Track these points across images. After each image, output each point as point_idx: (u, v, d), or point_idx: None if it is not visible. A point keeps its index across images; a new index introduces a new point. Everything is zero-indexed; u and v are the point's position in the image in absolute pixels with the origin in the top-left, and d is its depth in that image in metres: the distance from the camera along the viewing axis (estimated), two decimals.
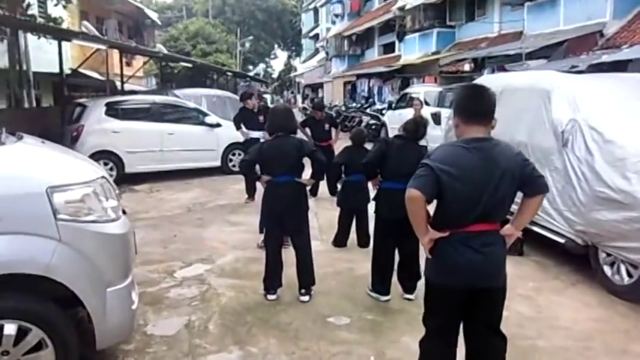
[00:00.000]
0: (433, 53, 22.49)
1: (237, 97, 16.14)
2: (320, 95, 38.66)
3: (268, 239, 4.51)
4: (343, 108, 25.75)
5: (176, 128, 10.57)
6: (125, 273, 3.04)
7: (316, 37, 47.94)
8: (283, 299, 4.45)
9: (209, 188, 9.76)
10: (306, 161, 4.45)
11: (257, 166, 4.44)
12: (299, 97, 46.85)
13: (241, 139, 9.45)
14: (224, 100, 14.06)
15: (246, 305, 4.35)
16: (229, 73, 27.28)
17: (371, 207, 6.54)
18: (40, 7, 16.11)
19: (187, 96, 12.98)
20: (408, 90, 15.42)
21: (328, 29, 41.92)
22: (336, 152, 7.15)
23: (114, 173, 9.91)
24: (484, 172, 2.49)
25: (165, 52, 14.39)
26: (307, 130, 8.69)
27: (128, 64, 23.22)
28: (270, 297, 4.42)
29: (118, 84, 17.16)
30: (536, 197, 2.64)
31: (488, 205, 2.51)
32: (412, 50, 24.47)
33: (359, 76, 29.11)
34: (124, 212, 3.24)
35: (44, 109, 13.84)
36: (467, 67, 16.39)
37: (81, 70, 19.02)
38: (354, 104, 25.59)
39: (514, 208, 2.75)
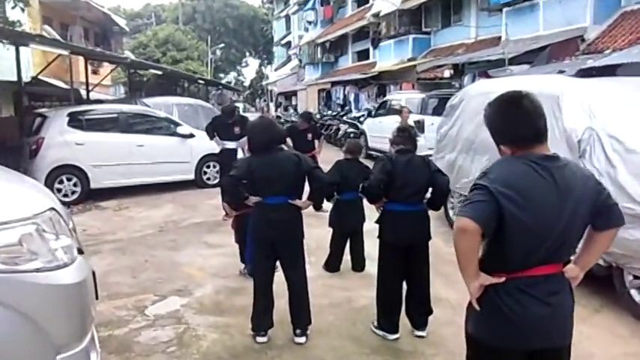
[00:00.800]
0: (409, 60, 22.23)
1: (210, 106, 15.53)
2: (294, 103, 38.07)
3: (257, 272, 3.85)
4: (318, 116, 25.20)
5: (146, 139, 9.80)
6: (82, 332, 2.36)
7: (288, 44, 47.52)
8: (275, 341, 3.80)
9: (182, 204, 9.03)
10: None
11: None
12: (272, 106, 46.16)
13: (216, 149, 8.80)
14: (196, 109, 13.33)
15: (232, 350, 3.69)
16: (201, 81, 26.41)
17: (370, 228, 6.03)
18: None
19: (158, 105, 12.22)
20: (388, 97, 14.95)
21: (300, 37, 41.50)
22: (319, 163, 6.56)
23: (78, 189, 9.13)
24: (556, 199, 1.91)
25: (134, 58, 13.56)
26: (289, 141, 8.08)
27: (95, 72, 22.27)
28: (260, 339, 3.76)
29: (84, 93, 16.28)
30: (610, 231, 2.07)
31: (558, 241, 1.93)
32: (387, 57, 24.19)
33: (334, 84, 28.63)
34: (80, 252, 2.56)
35: (1, 120, 12.83)
36: (447, 73, 16.03)
37: (44, 78, 18.05)
38: (330, 112, 25.06)
39: None
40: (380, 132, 13.90)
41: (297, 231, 3.75)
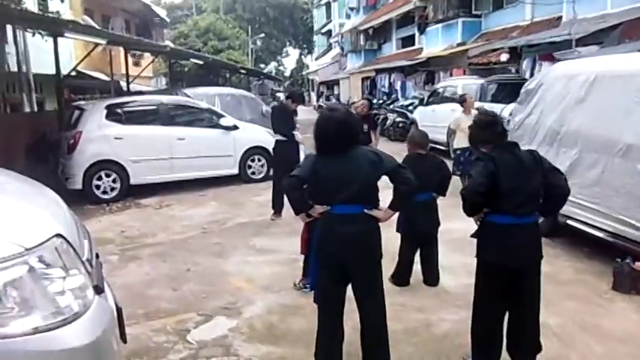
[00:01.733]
0: (458, 44, 21.14)
1: (253, 96, 14.92)
2: (335, 92, 37.26)
3: (323, 301, 3.08)
4: None
5: (187, 132, 9.23)
6: None
7: (329, 33, 46.83)
8: None
9: (227, 201, 8.42)
10: None
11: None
12: (313, 95, 45.44)
13: (262, 142, 8.20)
14: (239, 100, 12.75)
15: None
16: (243, 71, 25.85)
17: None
18: (40, 4, 14.91)
19: (199, 95, 11.67)
20: (442, 84, 13.92)
21: (341, 25, 40.75)
22: None
23: (117, 186, 8.65)
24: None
25: (173, 47, 13.02)
26: None
27: (136, 64, 22.05)
28: None
29: (125, 85, 15.93)
30: None
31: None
32: (435, 42, 23.12)
33: (378, 72, 27.63)
34: (98, 291, 1.86)
35: (41, 114, 12.51)
36: (504, 57, 14.84)
37: (86, 71, 17.88)
38: (375, 100, 24.12)
39: None
40: (433, 121, 12.98)
41: (374, 249, 2.97)
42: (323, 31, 49.08)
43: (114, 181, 8.63)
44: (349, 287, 3.03)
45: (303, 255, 4.45)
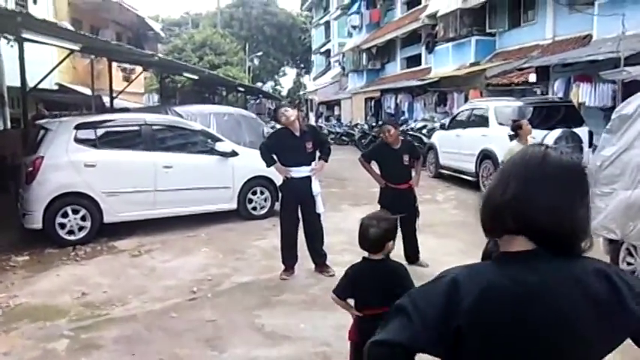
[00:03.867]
0: (471, 64, 19.82)
1: (254, 116, 13.33)
2: (336, 113, 35.82)
3: None
4: (366, 127, 22.80)
5: (176, 159, 7.60)
6: None
7: (327, 52, 45.92)
8: None
9: (223, 247, 6.74)
10: None
11: None
12: (311, 115, 44.03)
13: (266, 171, 6.59)
14: (238, 120, 11.13)
15: None
16: (241, 89, 24.22)
17: None
18: (19, 5, 13.36)
19: (192, 115, 10.07)
20: (468, 106, 12.34)
21: (341, 44, 39.80)
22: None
23: (87, 224, 6.97)
24: None
25: (162, 57, 11.35)
26: (373, 164, 5.70)
27: (126, 80, 20.53)
28: None
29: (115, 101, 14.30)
30: None
31: None
32: (445, 62, 21.80)
33: (383, 92, 26.23)
34: None
35: (3, 134, 10.67)
36: (532, 77, 13.40)
37: (71, 85, 16.31)
38: (381, 123, 22.64)
39: None
40: (458, 147, 11.45)
41: None
42: (322, 50, 48.14)
43: (83, 218, 6.94)
44: None
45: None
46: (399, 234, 5.28)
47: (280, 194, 5.84)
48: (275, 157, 5.50)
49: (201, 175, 7.77)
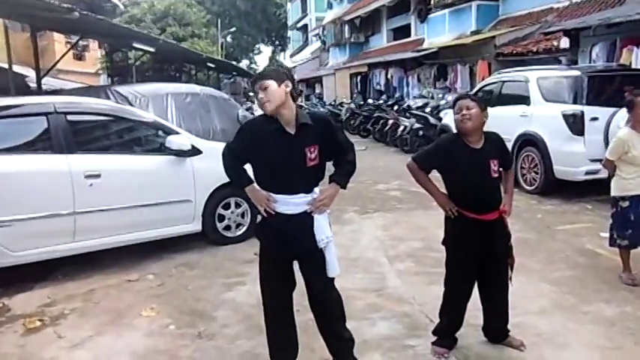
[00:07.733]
0: (473, 32, 17.52)
1: (227, 96, 10.74)
2: (317, 91, 33.24)
3: None
4: (353, 106, 20.25)
5: (105, 164, 5.04)
6: None
7: (305, 28, 43.20)
8: None
9: (179, 305, 4.26)
10: None
11: None
12: None
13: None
14: (204, 102, 8.54)
15: None
16: (211, 65, 21.00)
17: None
18: None
19: (141, 96, 7.51)
20: (495, 77, 9.76)
21: (318, 19, 37.26)
22: None
23: None
24: None
25: (85, 13, 8.17)
26: (435, 176, 3.25)
27: (79, 58, 17.69)
28: None
29: (49, 80, 11.53)
30: None
31: None
32: (440, 31, 19.52)
33: (371, 67, 23.76)
34: None
35: None
36: (564, 42, 11.04)
37: (3, 64, 13.50)
38: (370, 101, 20.18)
39: None
40: None
41: None
42: (298, 26, 45.52)
43: None
44: None
45: None
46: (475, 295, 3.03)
47: (259, 243, 3.13)
48: (249, 170, 3.01)
49: (147, 186, 5.24)
